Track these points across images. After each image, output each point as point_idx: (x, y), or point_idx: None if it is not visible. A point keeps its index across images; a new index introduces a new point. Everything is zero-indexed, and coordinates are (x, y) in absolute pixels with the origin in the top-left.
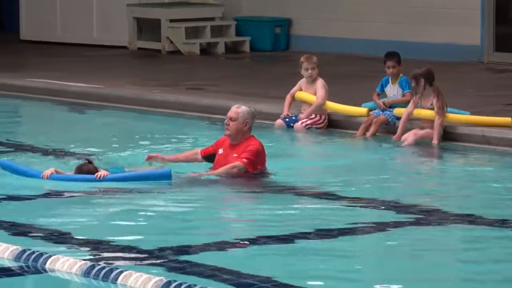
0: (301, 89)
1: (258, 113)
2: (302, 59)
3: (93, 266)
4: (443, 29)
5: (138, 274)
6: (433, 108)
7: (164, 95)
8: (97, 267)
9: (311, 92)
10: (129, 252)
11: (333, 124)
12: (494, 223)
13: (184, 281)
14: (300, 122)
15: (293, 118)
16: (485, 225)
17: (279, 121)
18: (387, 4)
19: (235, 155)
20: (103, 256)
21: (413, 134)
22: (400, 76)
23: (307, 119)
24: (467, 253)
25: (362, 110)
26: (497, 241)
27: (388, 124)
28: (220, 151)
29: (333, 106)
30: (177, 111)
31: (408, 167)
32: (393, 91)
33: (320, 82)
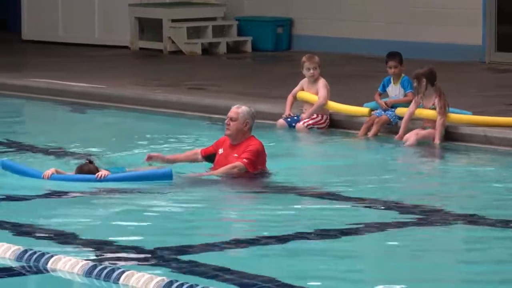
0: (303, 89)
1: (260, 113)
2: (304, 59)
3: (95, 266)
4: (444, 29)
5: (140, 274)
6: (435, 108)
7: (166, 95)
8: (99, 267)
9: (313, 92)
10: (131, 252)
11: (334, 124)
12: (496, 223)
13: (186, 281)
14: (301, 122)
15: (294, 118)
16: (487, 225)
17: (281, 121)
18: (388, 4)
19: (236, 155)
20: (104, 256)
21: (414, 134)
22: (402, 76)
23: (309, 119)
24: (469, 253)
25: (364, 110)
26: (499, 242)
27: (390, 124)
28: (221, 151)
29: (335, 106)
30: (178, 111)
31: (410, 167)
32: (394, 91)
33: (322, 82)
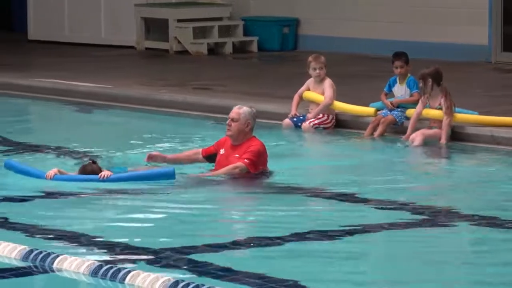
0: (309, 89)
1: (266, 113)
2: (310, 58)
3: (100, 266)
4: (450, 29)
5: (145, 274)
6: (441, 108)
7: (172, 95)
8: (105, 267)
9: (319, 92)
10: (136, 252)
11: (340, 124)
12: (504, 224)
13: (191, 281)
14: (307, 122)
15: (300, 117)
16: (495, 226)
17: (286, 121)
18: (394, 4)
19: (237, 155)
20: (110, 256)
21: (420, 134)
22: (408, 76)
23: (315, 118)
24: (476, 254)
25: (369, 110)
26: (506, 243)
27: (396, 124)
28: (222, 151)
29: (340, 106)
30: (184, 111)
31: (416, 168)
32: (400, 91)
33: (328, 81)
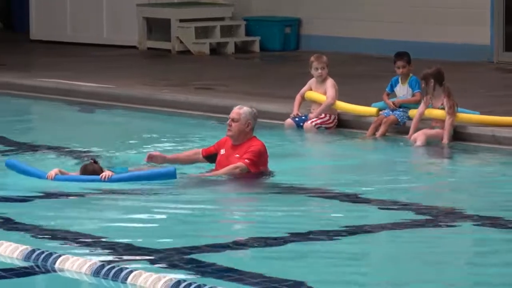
0: (311, 89)
1: (268, 113)
2: (312, 58)
3: (102, 265)
4: (452, 29)
5: (147, 274)
6: (444, 108)
7: (174, 95)
8: (107, 267)
9: (321, 92)
10: (138, 252)
11: (342, 124)
12: (507, 224)
13: (193, 281)
14: (309, 122)
15: (302, 117)
16: (497, 226)
17: (288, 121)
18: (396, 4)
19: (237, 155)
20: (112, 255)
21: (422, 134)
22: (410, 76)
23: (317, 118)
24: (477, 255)
25: (371, 110)
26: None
27: (398, 124)
28: (222, 151)
29: (343, 105)
30: (186, 111)
31: (419, 167)
32: (402, 91)
33: (330, 81)
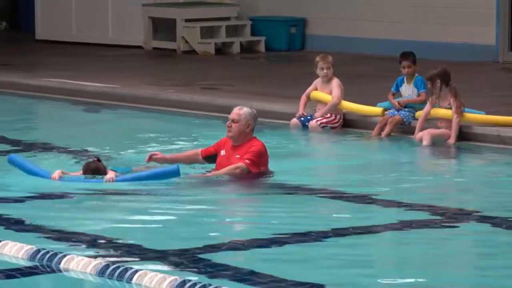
0: (316, 89)
1: (273, 113)
2: (317, 58)
3: (107, 265)
4: (458, 29)
5: (152, 273)
6: (451, 108)
7: (179, 94)
8: (112, 267)
9: (326, 92)
10: (143, 252)
11: (348, 124)
12: None
13: (198, 281)
14: (314, 121)
15: (308, 117)
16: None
17: (294, 120)
18: (401, 4)
19: (238, 156)
20: (117, 256)
21: (427, 133)
22: (415, 76)
23: (322, 117)
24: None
25: (377, 110)
26: None
27: (403, 124)
28: (223, 152)
29: (348, 105)
30: (192, 111)
31: (424, 168)
32: (408, 91)
33: (335, 81)
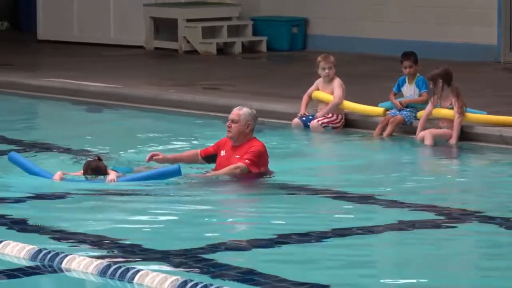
0: (318, 89)
1: (275, 113)
2: (319, 58)
3: (109, 265)
4: (459, 29)
5: (154, 273)
6: (453, 108)
7: (181, 94)
8: (113, 267)
9: (328, 92)
10: (144, 252)
11: (350, 124)
12: None
13: (200, 281)
14: (316, 120)
15: (310, 117)
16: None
17: (296, 120)
18: (403, 4)
19: (237, 156)
20: (119, 256)
21: (429, 133)
22: (417, 76)
23: (324, 117)
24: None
25: (378, 109)
26: None
27: (405, 124)
28: (222, 153)
29: (350, 105)
30: (193, 111)
31: (426, 167)
32: (409, 91)
33: (337, 81)
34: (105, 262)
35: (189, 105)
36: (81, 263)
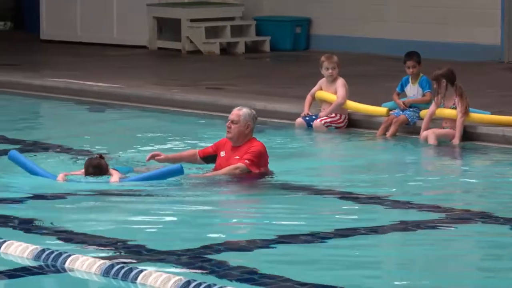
0: (321, 89)
1: (278, 113)
2: (322, 58)
3: (112, 265)
4: (463, 29)
5: (157, 273)
6: (455, 108)
7: (184, 94)
8: (116, 267)
9: (331, 92)
10: (148, 252)
11: (353, 124)
12: None
13: (203, 281)
14: (319, 120)
15: (313, 117)
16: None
17: (299, 120)
18: (407, 4)
19: (237, 157)
20: (122, 256)
21: (432, 133)
22: (420, 76)
23: (327, 117)
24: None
25: (382, 109)
26: None
27: (408, 124)
28: (222, 153)
29: (353, 105)
30: (196, 110)
31: (429, 168)
32: (413, 91)
33: (340, 81)
34: (108, 262)
35: (192, 105)
36: (84, 263)
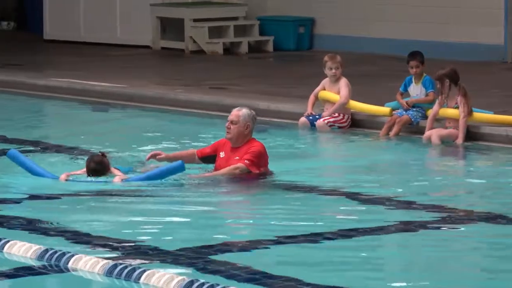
0: (324, 89)
1: (282, 113)
2: (326, 58)
3: (115, 265)
4: (466, 29)
5: (160, 273)
6: (458, 107)
7: (187, 94)
8: (120, 267)
9: (334, 91)
10: (151, 252)
11: (356, 124)
12: None
13: (206, 281)
14: (322, 119)
15: (316, 116)
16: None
17: (303, 119)
18: (410, 3)
19: (237, 158)
20: (125, 255)
21: (435, 133)
22: (424, 75)
23: (330, 117)
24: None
25: (385, 109)
26: None
27: (411, 124)
28: (222, 154)
29: (356, 105)
30: (200, 110)
31: (432, 167)
32: (416, 90)
33: (343, 81)
34: (111, 262)
35: (196, 105)
36: (88, 263)
